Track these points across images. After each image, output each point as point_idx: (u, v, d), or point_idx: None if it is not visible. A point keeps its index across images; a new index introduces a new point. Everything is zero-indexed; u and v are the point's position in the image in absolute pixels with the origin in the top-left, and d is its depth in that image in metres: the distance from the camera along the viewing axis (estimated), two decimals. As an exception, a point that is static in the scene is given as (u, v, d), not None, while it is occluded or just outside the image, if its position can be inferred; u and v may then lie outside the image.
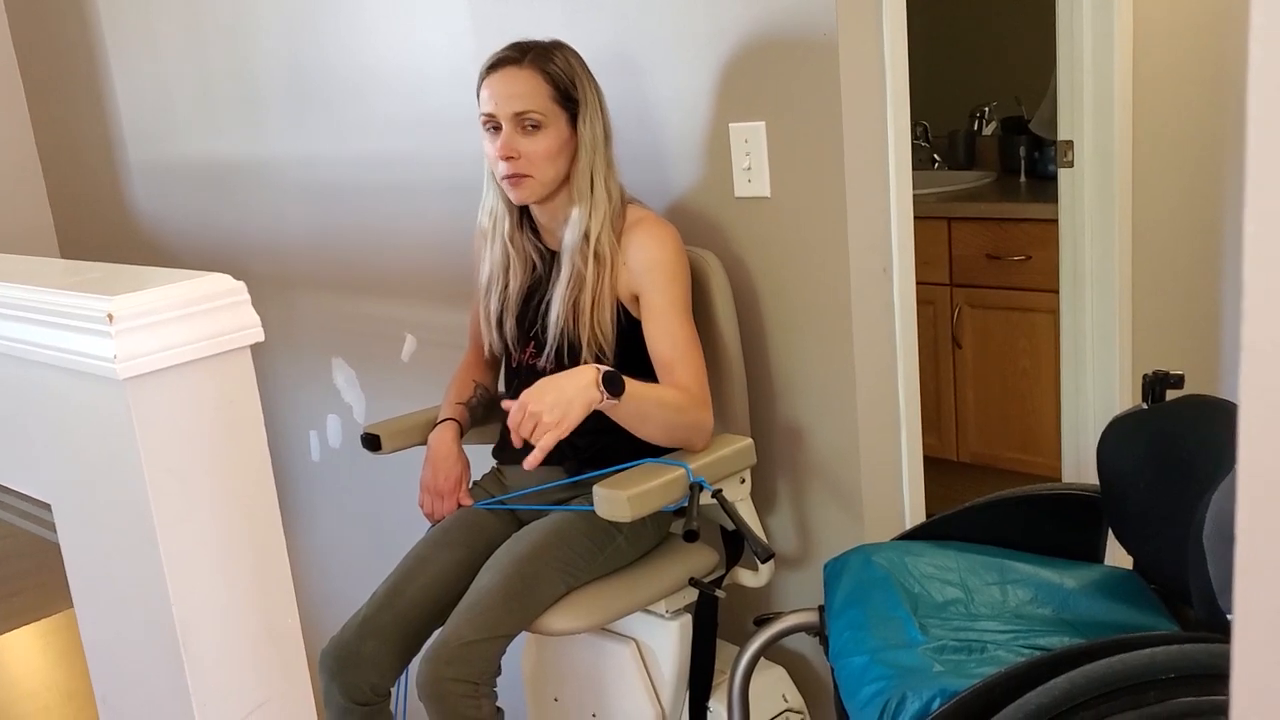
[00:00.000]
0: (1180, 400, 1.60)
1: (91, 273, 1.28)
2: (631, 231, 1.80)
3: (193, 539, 1.17)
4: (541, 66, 1.77)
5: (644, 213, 1.83)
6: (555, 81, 1.77)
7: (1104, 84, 2.45)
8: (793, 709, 1.99)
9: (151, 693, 1.25)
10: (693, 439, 1.77)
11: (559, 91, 1.77)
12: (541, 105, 1.76)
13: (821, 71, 1.76)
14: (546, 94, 1.77)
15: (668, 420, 1.74)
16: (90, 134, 3.36)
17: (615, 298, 1.81)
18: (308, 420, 2.99)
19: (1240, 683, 0.48)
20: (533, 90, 1.76)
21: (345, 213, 2.67)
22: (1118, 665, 1.23)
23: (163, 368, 1.12)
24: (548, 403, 1.61)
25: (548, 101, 1.77)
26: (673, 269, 1.79)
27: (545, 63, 1.77)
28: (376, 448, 2.02)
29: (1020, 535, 1.75)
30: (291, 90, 2.69)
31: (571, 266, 1.80)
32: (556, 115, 1.77)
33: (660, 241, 1.79)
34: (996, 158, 3.70)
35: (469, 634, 1.69)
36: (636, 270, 1.79)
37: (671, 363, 1.77)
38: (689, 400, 1.75)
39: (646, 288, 1.79)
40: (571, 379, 1.64)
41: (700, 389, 1.77)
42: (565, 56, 1.79)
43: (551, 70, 1.77)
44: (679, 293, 1.79)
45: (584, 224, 1.79)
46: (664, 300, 1.78)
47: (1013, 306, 3.21)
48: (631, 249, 1.80)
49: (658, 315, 1.79)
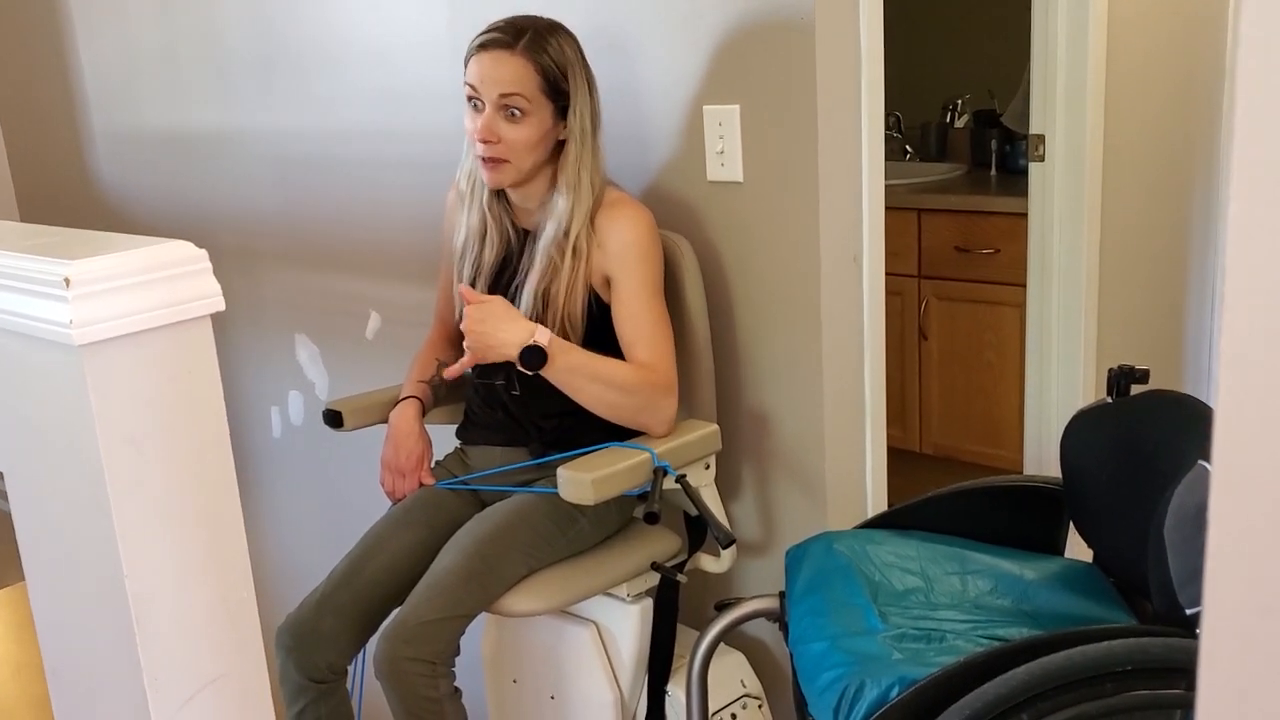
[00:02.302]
0: (1144, 395, 1.61)
1: (50, 236, 1.25)
2: (607, 213, 1.79)
3: (147, 510, 1.15)
4: (534, 55, 1.72)
5: (620, 195, 1.82)
6: (546, 72, 1.72)
7: (1077, 79, 2.46)
8: (751, 694, 1.99)
9: (103, 666, 1.23)
10: (645, 420, 1.76)
11: (548, 83, 1.73)
12: (528, 94, 1.72)
13: (797, 57, 1.75)
14: (535, 84, 1.72)
15: (607, 398, 1.73)
16: (53, 99, 3.30)
17: (588, 285, 1.79)
18: (269, 396, 2.96)
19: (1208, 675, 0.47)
20: (521, 78, 1.72)
21: (313, 186, 2.64)
22: (1076, 657, 1.24)
23: (120, 335, 1.10)
24: (480, 332, 1.71)
25: (535, 91, 1.72)
26: (644, 250, 1.78)
27: (538, 51, 1.72)
28: (338, 425, 2.00)
29: (981, 526, 1.76)
30: (260, 60, 2.65)
31: (547, 259, 1.78)
32: (541, 105, 1.73)
33: (634, 223, 1.78)
34: (968, 150, 3.71)
35: (428, 613, 1.67)
36: (610, 251, 1.78)
37: (633, 342, 1.76)
38: (641, 380, 1.74)
39: (617, 269, 1.78)
40: (509, 331, 1.71)
41: (661, 371, 1.76)
42: (560, 44, 1.74)
43: (544, 60, 1.72)
44: (649, 274, 1.78)
45: (566, 219, 1.77)
46: (634, 282, 1.77)
47: (980, 299, 3.23)
48: (606, 230, 1.78)
49: (626, 297, 1.77)
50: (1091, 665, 1.23)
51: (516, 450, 1.89)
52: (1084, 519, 1.67)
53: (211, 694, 1.22)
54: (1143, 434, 1.56)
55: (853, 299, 1.89)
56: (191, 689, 1.21)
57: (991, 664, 1.27)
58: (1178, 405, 1.56)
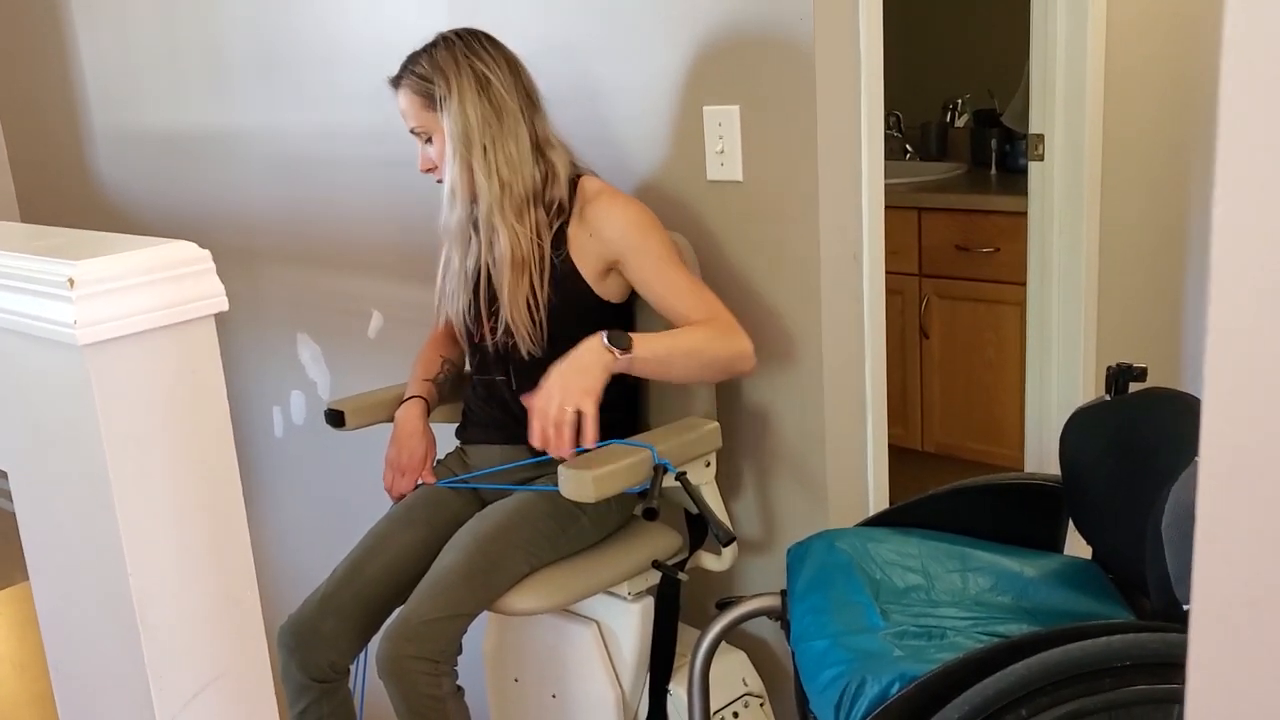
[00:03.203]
0: (1143, 392, 1.62)
1: (54, 237, 1.26)
2: (593, 204, 1.80)
3: (152, 509, 1.16)
4: (407, 81, 1.80)
5: (600, 184, 1.83)
6: (420, 90, 1.79)
7: (1076, 79, 2.46)
8: (752, 693, 1.99)
9: (107, 664, 1.24)
10: (738, 367, 1.76)
11: (426, 99, 1.79)
12: (418, 119, 1.81)
13: (797, 57, 1.75)
14: (419, 105, 1.80)
15: (699, 361, 1.73)
16: (54, 98, 3.31)
17: (569, 279, 1.80)
18: (272, 396, 2.96)
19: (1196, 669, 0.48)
20: (408, 106, 1.81)
21: (313, 186, 2.65)
22: (1075, 652, 1.24)
23: (124, 334, 1.11)
24: (556, 394, 1.62)
25: (423, 113, 1.80)
26: (644, 224, 1.78)
27: (408, 76, 1.80)
28: (340, 424, 2.00)
29: (982, 524, 1.76)
30: (260, 60, 2.66)
31: (476, 254, 1.84)
32: (436, 119, 1.79)
33: (623, 204, 1.79)
34: (968, 150, 3.72)
35: (430, 612, 1.68)
36: (609, 238, 1.78)
37: (683, 312, 1.75)
38: (714, 331, 1.73)
39: (626, 251, 1.78)
40: (575, 354, 1.65)
41: (724, 316, 1.75)
42: (433, 55, 1.79)
43: (414, 82, 1.79)
44: (659, 244, 1.78)
45: (457, 215, 1.81)
46: (650, 257, 1.77)
47: (980, 298, 3.23)
48: (597, 220, 1.79)
49: (651, 274, 1.77)
50: (1090, 660, 1.23)
51: (516, 448, 1.89)
52: (1083, 516, 1.68)
53: (214, 692, 1.23)
54: (1141, 431, 1.57)
55: (853, 297, 1.89)
56: (195, 687, 1.21)
57: (991, 660, 1.28)
58: (1175, 402, 1.57)
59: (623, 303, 1.86)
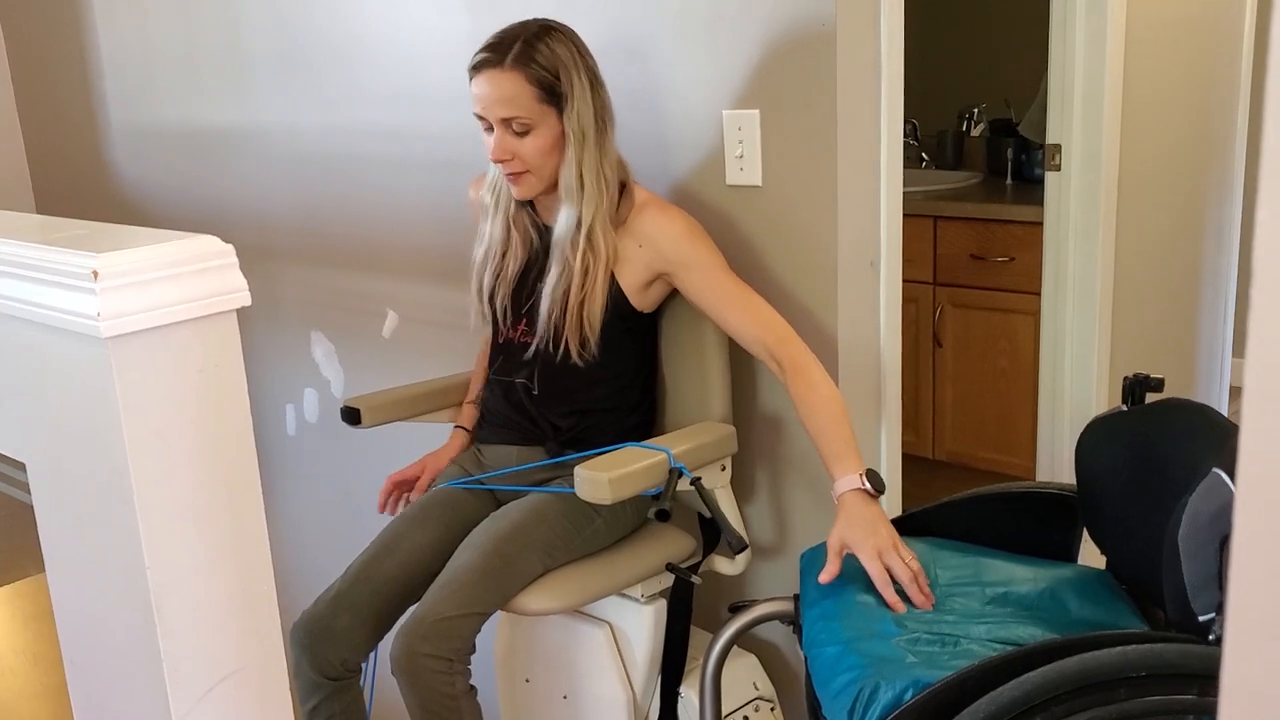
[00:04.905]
0: (1160, 403, 1.61)
1: (77, 229, 1.26)
2: (642, 213, 1.79)
3: (171, 503, 1.16)
4: (523, 66, 1.69)
5: (649, 195, 1.83)
6: (539, 81, 1.70)
7: (1094, 90, 2.46)
8: (763, 697, 1.99)
9: (122, 658, 1.24)
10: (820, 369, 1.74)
11: (543, 90, 1.70)
12: (527, 108, 1.70)
13: (819, 63, 1.75)
14: (531, 95, 1.70)
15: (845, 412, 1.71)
16: (73, 92, 3.32)
17: (609, 289, 1.79)
18: (284, 394, 2.97)
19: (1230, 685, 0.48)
20: (516, 94, 1.70)
21: (331, 184, 2.65)
22: (1090, 662, 1.24)
23: (147, 328, 1.11)
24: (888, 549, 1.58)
25: (533, 103, 1.70)
26: (697, 234, 1.79)
27: (527, 62, 1.69)
28: (357, 422, 2.01)
29: (996, 532, 1.76)
30: (280, 57, 2.67)
31: (562, 261, 1.78)
32: (544, 113, 1.72)
33: (675, 214, 1.79)
34: (984, 159, 3.72)
35: (445, 610, 1.68)
36: (663, 249, 1.77)
37: (740, 325, 1.75)
38: (814, 374, 1.71)
39: (680, 262, 1.77)
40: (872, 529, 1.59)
41: (789, 335, 1.73)
42: (551, 46, 1.71)
43: (533, 69, 1.69)
44: (714, 254, 1.78)
45: (573, 219, 1.76)
46: (703, 270, 1.77)
47: (994, 307, 3.23)
48: (648, 229, 1.78)
49: (705, 287, 1.76)
50: (1106, 670, 1.23)
51: (532, 449, 1.89)
52: (1098, 525, 1.67)
53: (230, 687, 1.23)
54: (1158, 442, 1.56)
55: (870, 304, 1.89)
56: (210, 682, 1.22)
57: (1006, 667, 1.27)
58: (1192, 414, 1.56)
59: (652, 312, 1.87)
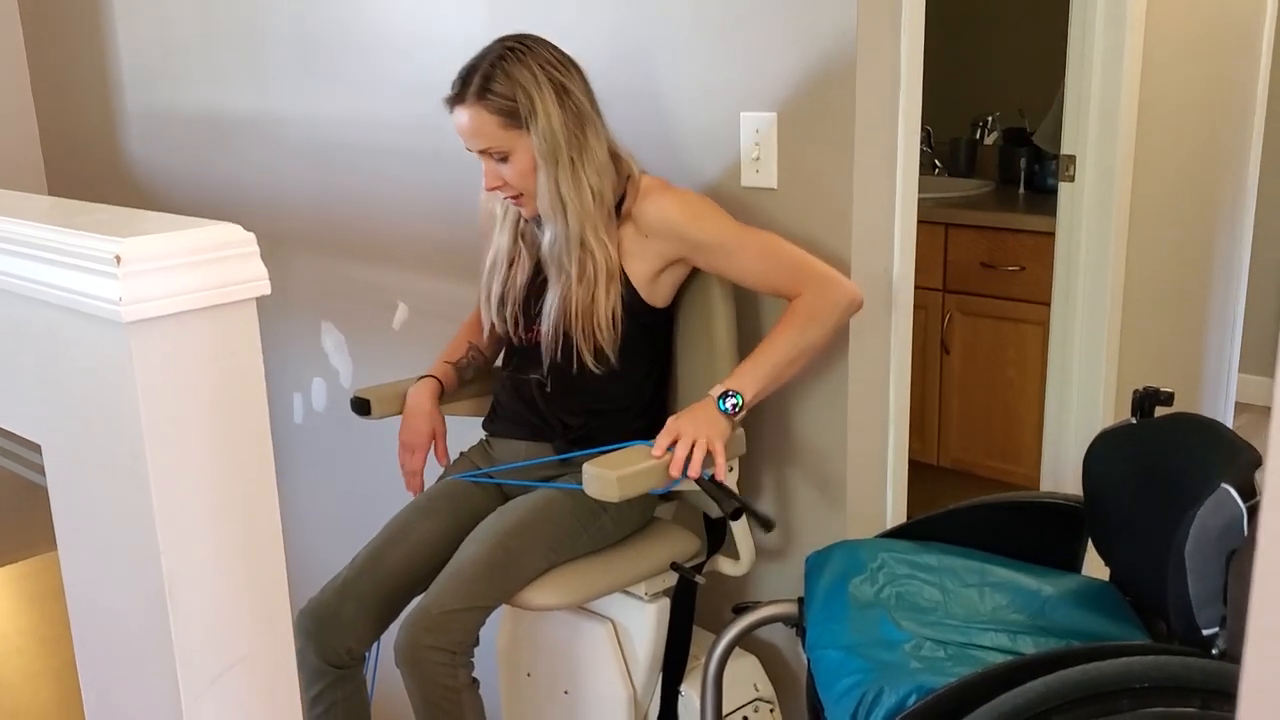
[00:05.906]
0: (1169, 417, 1.62)
1: (101, 213, 1.27)
2: (641, 201, 1.78)
3: (186, 489, 1.17)
4: (480, 99, 1.70)
5: (653, 180, 1.82)
6: (500, 109, 1.70)
7: (1110, 101, 2.46)
8: (763, 698, 2.00)
9: (133, 641, 1.25)
10: (849, 316, 1.76)
11: (506, 117, 1.70)
12: (495, 138, 1.71)
13: (838, 68, 1.76)
14: (495, 124, 1.70)
15: (808, 354, 1.73)
16: (89, 77, 3.33)
17: (620, 289, 1.79)
18: (293, 382, 2.98)
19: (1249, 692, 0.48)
20: (480, 126, 1.71)
21: (345, 175, 2.66)
22: (1093, 672, 1.25)
23: (167, 314, 1.12)
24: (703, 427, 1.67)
25: (499, 131, 1.71)
26: (701, 204, 1.79)
27: (483, 94, 1.70)
28: (366, 412, 2.02)
29: (1000, 540, 1.76)
30: (298, 46, 2.68)
31: (560, 276, 1.78)
32: (515, 138, 1.71)
33: (676, 193, 1.79)
34: (996, 167, 3.72)
35: (450, 603, 1.69)
36: (676, 228, 1.77)
37: (779, 283, 1.75)
38: (806, 309, 1.72)
39: (692, 234, 1.77)
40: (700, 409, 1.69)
41: (812, 271, 1.73)
42: (507, 71, 1.70)
43: (491, 100, 1.70)
44: (722, 218, 1.78)
45: (559, 235, 1.76)
46: (721, 232, 1.77)
47: (1003, 316, 3.23)
48: (652, 214, 1.77)
49: (730, 249, 1.76)
50: (1110, 681, 1.24)
51: (541, 445, 1.90)
52: (1103, 537, 1.68)
53: (240, 672, 1.24)
54: (1166, 455, 1.57)
55: (881, 309, 1.90)
56: (220, 667, 1.23)
57: (1009, 675, 1.28)
58: (1201, 428, 1.57)
59: (666, 307, 1.87)
